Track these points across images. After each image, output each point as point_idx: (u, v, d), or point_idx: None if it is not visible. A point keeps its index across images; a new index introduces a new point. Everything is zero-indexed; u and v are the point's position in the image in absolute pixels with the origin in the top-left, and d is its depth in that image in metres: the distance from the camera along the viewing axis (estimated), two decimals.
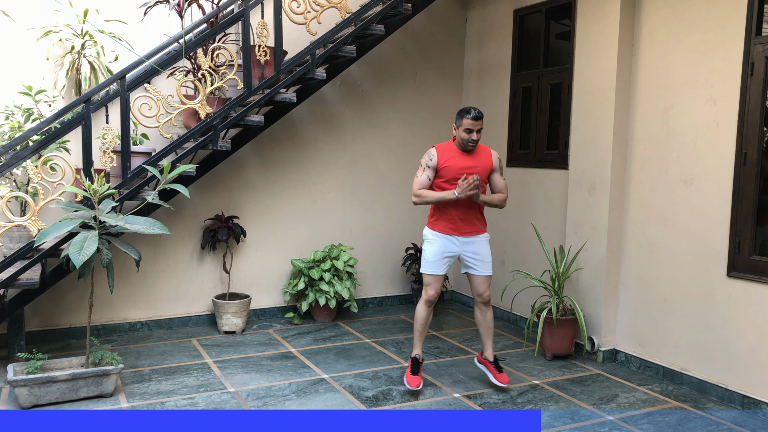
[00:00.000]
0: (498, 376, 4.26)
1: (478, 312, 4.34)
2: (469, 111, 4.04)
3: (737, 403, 4.12)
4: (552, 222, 5.49)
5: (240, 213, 5.69)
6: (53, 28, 4.78)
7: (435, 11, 6.33)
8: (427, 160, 4.13)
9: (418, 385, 4.17)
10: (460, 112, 4.10)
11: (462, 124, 4.05)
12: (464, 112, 4.06)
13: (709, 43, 4.29)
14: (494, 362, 4.31)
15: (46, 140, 4.11)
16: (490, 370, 4.30)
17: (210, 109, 4.58)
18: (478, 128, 4.04)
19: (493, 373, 4.28)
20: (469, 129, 4.04)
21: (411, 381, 4.19)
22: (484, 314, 4.32)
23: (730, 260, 4.17)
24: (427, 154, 4.15)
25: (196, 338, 5.28)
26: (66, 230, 3.71)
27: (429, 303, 4.24)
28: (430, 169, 4.13)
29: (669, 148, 4.56)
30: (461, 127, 4.06)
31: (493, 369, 4.29)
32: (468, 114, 4.03)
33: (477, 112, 4.03)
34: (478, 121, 4.03)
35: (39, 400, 3.85)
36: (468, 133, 4.05)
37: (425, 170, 4.14)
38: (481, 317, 4.34)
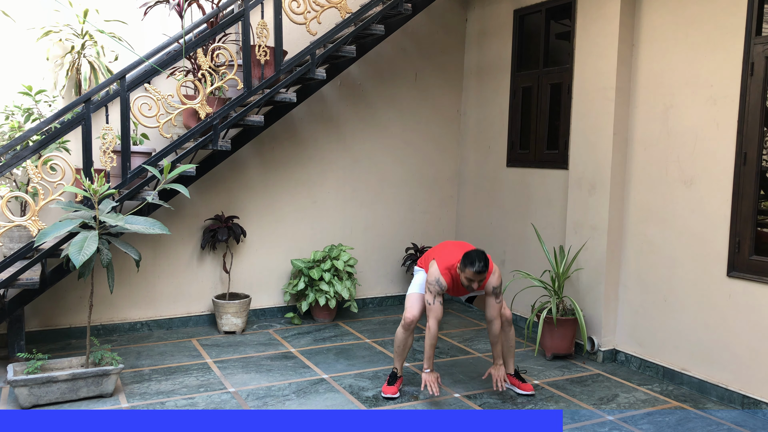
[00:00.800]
0: (523, 386, 4.28)
1: (500, 332, 4.20)
2: (473, 263, 3.85)
3: (737, 403, 4.12)
4: (552, 222, 5.49)
5: (240, 213, 5.69)
6: (53, 28, 4.78)
7: (435, 11, 6.33)
8: (438, 289, 4.01)
9: (393, 393, 4.15)
10: (464, 260, 3.88)
11: (465, 272, 3.90)
12: (469, 262, 3.86)
13: (709, 43, 4.29)
14: (515, 374, 4.32)
15: (46, 140, 4.11)
16: (514, 383, 4.30)
17: (210, 109, 4.58)
18: (479, 279, 3.91)
19: (517, 385, 4.29)
20: (470, 279, 3.91)
21: (384, 389, 4.19)
22: (507, 334, 4.24)
23: (730, 260, 4.17)
24: (437, 282, 4.00)
25: (196, 338, 5.28)
26: (66, 230, 3.71)
27: (405, 327, 4.14)
28: (440, 295, 4.04)
29: (669, 148, 4.56)
30: (463, 273, 3.92)
31: (517, 381, 4.30)
32: (472, 266, 3.85)
33: (480, 267, 3.83)
34: (479, 275, 3.87)
35: (39, 400, 3.85)
36: (469, 282, 3.92)
37: (436, 297, 4.02)
38: (503, 337, 4.23)
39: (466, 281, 3.92)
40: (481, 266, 3.83)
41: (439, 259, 4.05)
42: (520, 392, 4.27)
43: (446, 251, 4.11)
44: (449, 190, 6.69)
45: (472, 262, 3.84)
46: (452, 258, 4.03)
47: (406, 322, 4.12)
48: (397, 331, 4.20)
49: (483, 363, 4.82)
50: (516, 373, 4.34)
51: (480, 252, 3.90)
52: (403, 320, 4.13)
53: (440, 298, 4.03)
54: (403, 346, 4.19)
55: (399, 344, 4.20)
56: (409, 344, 4.20)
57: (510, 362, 4.32)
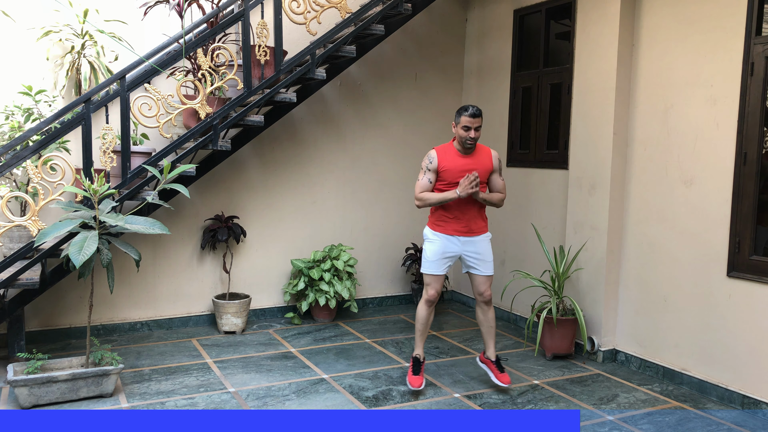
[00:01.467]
0: (499, 376, 4.25)
1: (480, 312, 4.33)
2: (467, 108, 4.04)
3: (737, 403, 4.12)
4: (552, 222, 5.49)
5: (240, 213, 5.69)
6: (53, 28, 4.78)
7: (435, 11, 6.33)
8: (428, 162, 4.14)
9: (420, 385, 4.18)
10: (458, 110, 4.09)
11: (460, 121, 4.04)
12: (462, 109, 4.06)
13: (709, 43, 4.29)
14: (496, 362, 4.31)
15: (46, 140, 4.11)
16: (492, 370, 4.29)
17: (210, 109, 4.58)
18: (476, 125, 4.03)
19: (494, 372, 4.27)
20: (467, 126, 4.02)
21: (413, 381, 4.20)
22: (486, 314, 4.32)
23: (730, 260, 4.17)
24: (427, 156, 4.16)
25: (196, 338, 5.28)
26: (66, 230, 3.71)
27: (429, 303, 4.23)
28: (430, 171, 4.14)
29: (669, 148, 4.56)
30: (459, 124, 4.06)
31: (495, 369, 4.28)
32: (466, 111, 4.03)
33: (475, 109, 4.02)
34: (476, 119, 4.01)
35: (39, 400, 3.85)
36: (466, 130, 4.03)
37: (426, 173, 4.15)
38: (482, 317, 4.33)
39: (463, 132, 4.05)
40: (474, 110, 4.02)
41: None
42: (496, 382, 4.24)
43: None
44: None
45: (465, 108, 4.06)
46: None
47: (429, 298, 4.22)
48: (420, 309, 4.26)
49: None
50: (497, 360, 4.32)
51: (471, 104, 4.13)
52: (426, 296, 4.22)
53: (430, 175, 4.14)
54: (426, 323, 4.27)
55: (422, 321, 4.26)
56: (430, 321, 4.30)
57: (491, 345, 4.34)
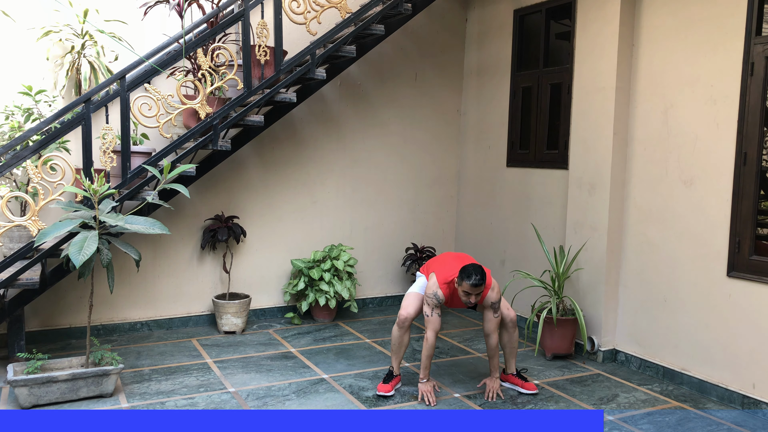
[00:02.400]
0: (525, 385, 4.29)
1: (506, 335, 4.25)
2: (470, 276, 3.87)
3: (737, 403, 4.12)
4: (552, 222, 5.49)
5: (240, 213, 5.69)
6: (53, 28, 4.78)
7: (435, 11, 6.33)
8: (435, 303, 4.04)
9: (387, 391, 4.16)
10: (461, 273, 3.92)
11: (462, 285, 3.93)
12: (465, 275, 3.89)
13: (709, 43, 4.29)
14: (518, 374, 4.34)
15: (46, 140, 4.11)
16: (517, 383, 4.32)
17: (210, 109, 4.58)
18: (476, 293, 3.93)
19: (520, 384, 4.31)
20: (467, 292, 3.93)
21: (379, 387, 4.19)
22: (512, 335, 4.26)
23: (730, 260, 4.17)
24: (435, 296, 4.03)
25: (196, 338, 5.28)
26: (66, 230, 3.71)
27: (399, 324, 4.16)
28: (438, 307, 4.07)
29: (669, 148, 4.56)
30: (461, 287, 3.95)
31: (519, 381, 4.31)
32: (468, 279, 3.87)
33: (477, 280, 3.86)
34: (477, 288, 3.89)
35: (39, 400, 3.85)
36: (466, 296, 3.95)
37: (434, 309, 4.05)
38: (507, 339, 4.26)
39: (463, 295, 3.95)
40: (477, 279, 3.86)
41: (438, 272, 4.08)
42: (524, 391, 4.27)
43: (446, 264, 4.14)
44: (449, 190, 6.69)
45: (469, 275, 3.87)
46: (451, 272, 4.05)
47: (400, 320, 4.15)
48: (393, 330, 4.23)
49: (483, 363, 4.82)
50: (518, 372, 4.34)
51: (477, 266, 3.92)
52: (398, 318, 4.16)
53: (438, 310, 4.06)
54: (399, 344, 4.20)
55: (395, 342, 4.22)
56: (405, 342, 4.20)
57: (512, 363, 4.34)
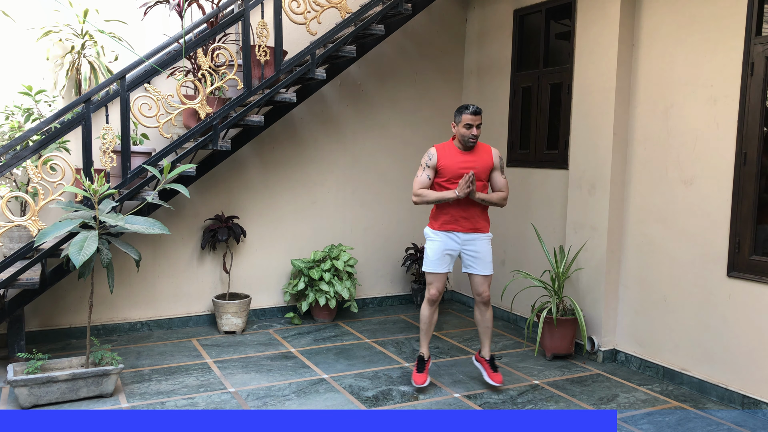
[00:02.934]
0: (492, 375, 4.29)
1: (478, 312, 4.35)
2: (467, 107, 4.08)
3: (737, 403, 4.12)
4: (552, 222, 5.49)
5: (240, 213, 5.69)
6: (53, 28, 4.78)
7: (435, 11, 6.33)
8: (427, 159, 4.16)
9: (423, 382, 4.22)
10: (458, 109, 4.12)
11: (461, 120, 4.08)
12: (463, 108, 4.09)
13: (709, 43, 4.29)
14: (490, 361, 4.34)
15: (46, 140, 4.11)
16: (485, 369, 4.33)
17: (210, 109, 4.58)
18: (477, 123, 4.07)
19: (487, 371, 4.31)
20: (468, 124, 4.06)
21: (416, 378, 4.25)
22: (483, 314, 4.34)
23: (730, 260, 4.17)
24: (427, 153, 4.18)
25: (196, 338, 5.28)
26: (66, 230, 3.71)
27: (431, 302, 4.25)
28: (429, 168, 4.15)
29: (669, 148, 4.56)
30: (460, 123, 4.09)
31: (488, 368, 4.32)
32: (467, 110, 4.07)
33: (475, 108, 4.06)
34: (477, 116, 4.06)
35: (39, 400, 3.85)
36: (468, 128, 4.07)
37: (425, 170, 4.17)
38: (480, 317, 4.35)
39: (465, 129, 4.07)
40: (475, 108, 4.05)
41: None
42: (489, 381, 4.27)
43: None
44: None
45: (466, 106, 4.11)
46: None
47: (432, 297, 4.22)
48: (423, 309, 4.29)
49: None
50: (491, 359, 4.34)
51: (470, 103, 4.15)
52: (428, 295, 4.23)
53: (429, 172, 4.16)
54: (429, 322, 4.27)
55: (425, 321, 4.28)
56: (434, 320, 4.30)
57: (486, 345, 4.37)
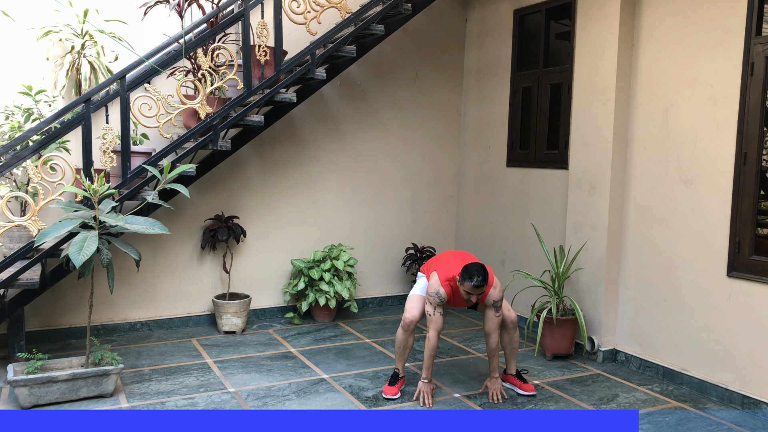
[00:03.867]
0: (524, 386, 4.29)
1: (506, 335, 4.25)
2: (472, 277, 3.85)
3: (737, 403, 4.12)
4: (552, 222, 5.49)
5: (240, 213, 5.69)
6: (53, 28, 4.78)
7: (435, 11, 6.33)
8: (437, 300, 4.02)
9: (392, 395, 4.16)
10: (463, 273, 3.89)
11: (464, 285, 3.91)
12: (467, 275, 3.86)
13: (709, 43, 4.29)
14: (517, 374, 4.34)
15: (46, 140, 4.11)
16: (516, 384, 4.32)
17: (210, 109, 4.58)
18: (477, 293, 3.92)
19: (518, 385, 4.31)
20: (468, 292, 3.92)
21: (385, 390, 4.19)
22: (512, 335, 4.26)
23: (730, 260, 4.17)
24: (437, 294, 4.01)
25: (196, 338, 5.28)
26: (66, 230, 3.71)
27: (404, 327, 4.16)
28: (440, 306, 4.06)
29: (669, 148, 4.56)
30: (462, 287, 3.93)
31: (518, 381, 4.32)
32: (470, 280, 3.85)
33: (478, 281, 3.83)
34: (478, 289, 3.88)
35: (39, 400, 3.85)
36: (467, 295, 3.94)
37: (436, 309, 4.04)
38: (508, 339, 4.26)
39: (465, 294, 3.94)
40: (479, 281, 3.83)
41: (439, 271, 4.07)
42: (522, 392, 4.28)
43: (447, 263, 4.12)
44: (449, 190, 6.69)
45: (471, 276, 3.85)
46: (453, 270, 4.03)
47: (405, 322, 4.14)
48: (398, 332, 4.22)
49: (483, 363, 4.82)
50: (518, 373, 4.35)
51: (479, 266, 3.90)
52: (403, 321, 4.15)
53: (440, 309, 4.05)
54: (404, 346, 4.20)
55: (399, 345, 4.22)
56: (409, 345, 4.21)
57: (513, 363, 4.34)
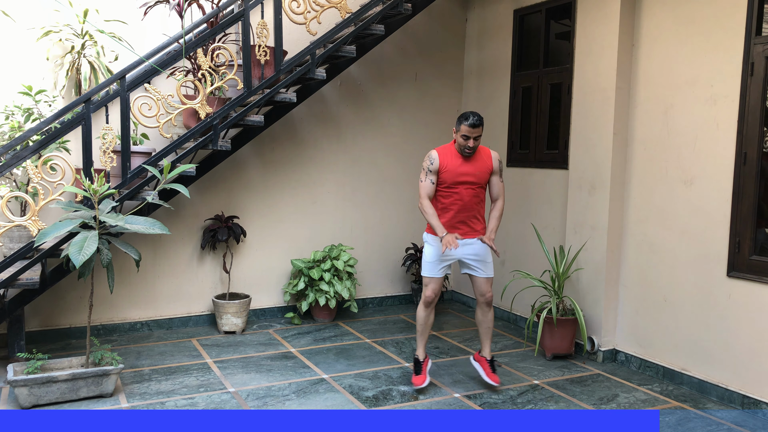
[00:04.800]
0: (490, 374, 4.30)
1: (480, 312, 4.36)
2: (467, 117, 3.98)
3: (737, 403, 4.12)
4: (552, 222, 5.49)
5: (240, 213, 5.69)
6: (53, 28, 4.78)
7: (435, 11, 6.33)
8: (429, 164, 4.12)
9: (422, 383, 4.22)
10: (459, 117, 4.05)
11: (460, 129, 4.01)
12: (463, 117, 4.02)
13: (709, 43, 4.29)
14: (490, 361, 4.35)
15: (46, 140, 4.11)
16: (484, 368, 4.34)
17: (210, 109, 4.58)
18: (475, 135, 3.99)
19: (486, 371, 4.32)
20: (466, 135, 4.00)
21: (414, 381, 4.25)
22: (486, 315, 4.34)
23: (730, 260, 4.17)
24: (428, 157, 4.14)
25: (196, 338, 5.28)
26: (66, 230, 3.71)
27: (426, 304, 4.25)
28: (432, 173, 4.12)
29: (669, 148, 4.56)
30: (459, 132, 4.03)
31: (487, 367, 4.33)
32: (466, 120, 3.97)
33: (475, 119, 3.97)
34: (476, 129, 3.97)
35: (39, 400, 3.85)
36: (465, 139, 4.01)
37: (428, 175, 4.12)
38: (482, 317, 4.35)
39: (462, 140, 4.02)
40: (475, 119, 3.98)
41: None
42: (487, 380, 4.29)
43: None
44: None
45: (466, 116, 4.00)
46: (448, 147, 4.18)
47: (427, 300, 4.22)
48: (419, 310, 4.29)
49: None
50: (491, 361, 4.35)
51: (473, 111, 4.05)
52: (424, 298, 4.22)
53: (432, 177, 4.11)
54: (425, 324, 4.28)
55: (421, 323, 4.28)
56: (431, 322, 4.30)
57: (487, 345, 4.38)
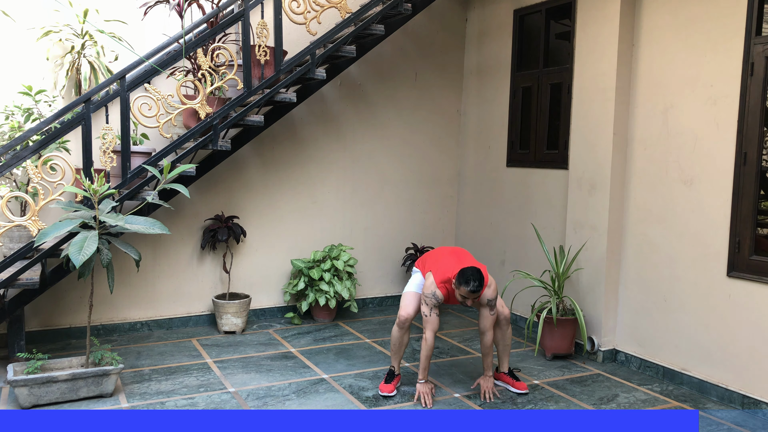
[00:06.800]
0: (516, 384, 4.30)
1: (498, 331, 4.25)
2: (468, 282, 3.85)
3: (737, 403, 4.12)
4: (552, 222, 5.49)
5: (240, 213, 5.69)
6: (53, 28, 4.78)
7: (435, 11, 6.33)
8: (434, 301, 4.02)
9: (389, 392, 4.17)
10: (459, 277, 3.89)
11: (459, 289, 3.92)
12: (464, 280, 3.87)
13: (709, 43, 4.29)
14: (509, 373, 4.35)
15: (46, 140, 4.11)
16: (508, 381, 4.34)
17: (210, 109, 4.58)
18: (473, 298, 3.92)
19: (511, 383, 4.32)
20: (464, 297, 3.93)
21: (382, 387, 4.22)
22: (504, 332, 4.27)
23: (730, 260, 4.17)
24: (434, 295, 4.01)
25: (196, 338, 5.28)
26: (66, 230, 3.71)
27: (400, 325, 4.17)
28: (436, 307, 4.05)
29: (669, 148, 4.56)
30: (458, 291, 3.93)
31: (511, 380, 4.33)
32: (467, 285, 3.85)
33: (474, 286, 3.84)
34: (473, 294, 3.88)
35: (39, 400, 3.85)
36: (463, 299, 3.95)
37: (433, 309, 4.03)
38: (500, 335, 4.27)
39: (460, 297, 3.96)
40: (475, 286, 3.85)
41: (435, 271, 4.06)
42: (515, 390, 4.28)
43: (443, 262, 4.11)
44: (449, 190, 6.69)
45: (467, 281, 3.86)
46: (448, 271, 4.03)
47: (400, 320, 4.15)
48: (393, 330, 4.23)
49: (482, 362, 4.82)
50: (510, 371, 4.36)
51: (475, 270, 3.89)
52: (398, 319, 4.17)
53: (436, 310, 4.05)
54: (399, 344, 4.22)
55: (395, 342, 4.23)
56: (405, 342, 4.22)
57: (505, 361, 4.36)
